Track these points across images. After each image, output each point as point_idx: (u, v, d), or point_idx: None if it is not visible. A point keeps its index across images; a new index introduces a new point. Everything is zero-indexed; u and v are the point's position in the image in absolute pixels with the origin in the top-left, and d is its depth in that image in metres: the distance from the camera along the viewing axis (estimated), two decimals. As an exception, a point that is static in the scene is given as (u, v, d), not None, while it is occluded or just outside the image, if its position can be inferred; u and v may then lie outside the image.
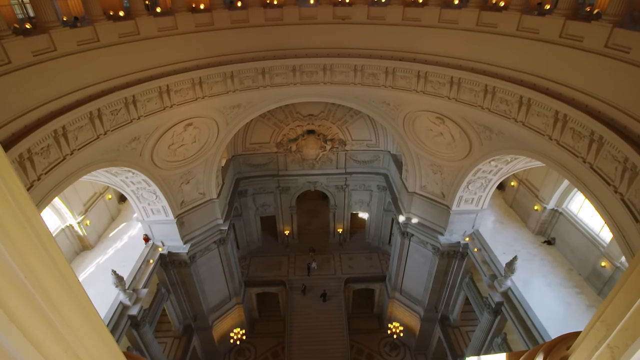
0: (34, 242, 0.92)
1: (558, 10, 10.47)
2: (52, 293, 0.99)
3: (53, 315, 1.00)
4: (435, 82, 14.20)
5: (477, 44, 12.68)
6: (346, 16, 14.66)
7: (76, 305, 1.18)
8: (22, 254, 0.86)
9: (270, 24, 14.68)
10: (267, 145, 23.88)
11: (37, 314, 0.94)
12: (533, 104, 11.44)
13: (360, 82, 15.73)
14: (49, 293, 0.97)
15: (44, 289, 0.95)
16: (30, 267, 0.89)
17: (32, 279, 0.89)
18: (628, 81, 8.73)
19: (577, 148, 10.23)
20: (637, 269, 1.27)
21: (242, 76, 15.21)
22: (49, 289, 0.98)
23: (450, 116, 14.71)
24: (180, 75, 13.68)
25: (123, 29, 12.18)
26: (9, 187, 0.86)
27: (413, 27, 13.94)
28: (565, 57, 10.37)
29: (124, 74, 12.29)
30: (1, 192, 0.83)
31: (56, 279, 1.02)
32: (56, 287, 1.02)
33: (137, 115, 13.05)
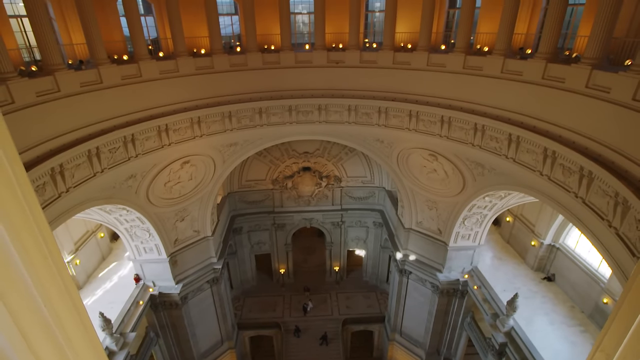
0: (53, 273, 0.94)
1: (539, 54, 11.17)
2: (66, 325, 0.99)
3: (66, 346, 0.99)
4: (426, 120, 14.71)
5: (464, 85, 13.32)
6: (340, 60, 15.46)
7: (85, 339, 1.17)
8: (43, 284, 0.87)
9: (268, 67, 15.40)
10: (263, 182, 24.02)
11: (53, 346, 0.93)
12: (522, 141, 11.82)
13: (354, 121, 16.23)
14: (64, 325, 0.97)
15: (59, 319, 0.94)
16: (49, 296, 0.90)
17: (51, 308, 0.89)
18: (611, 119, 9.14)
19: (568, 183, 10.44)
20: (628, 297, 1.29)
21: (240, 115, 15.65)
22: (64, 320, 0.98)
23: (443, 153, 15.07)
24: (180, 115, 14.05)
25: (126, 71, 12.69)
26: (37, 221, 0.89)
27: (403, 70, 14.69)
28: (549, 97, 10.91)
29: (125, 114, 12.61)
30: (30, 226, 0.86)
31: (70, 310, 1.02)
32: (69, 319, 1.02)
33: (135, 153, 13.21)
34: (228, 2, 17.86)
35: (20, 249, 0.81)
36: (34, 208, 0.93)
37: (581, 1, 13.25)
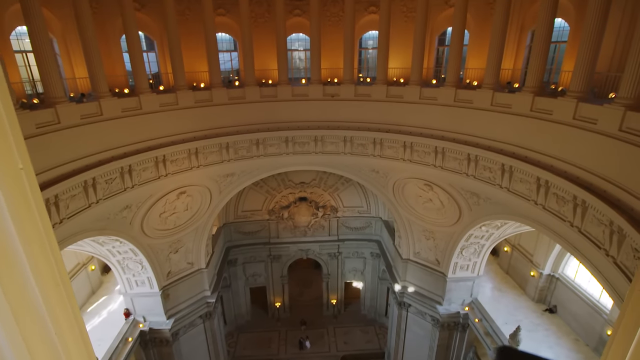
0: (64, 300, 0.94)
1: (526, 88, 11.65)
2: (73, 355, 0.97)
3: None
4: (420, 151, 14.99)
5: (456, 117, 13.73)
6: (335, 94, 15.98)
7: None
8: (54, 310, 0.88)
9: (266, 100, 15.85)
10: (259, 212, 23.90)
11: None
12: (515, 170, 12.02)
13: (350, 151, 16.49)
14: (71, 354, 0.96)
15: (67, 348, 0.93)
16: (59, 324, 0.90)
17: (60, 336, 0.89)
18: (600, 149, 9.39)
19: (563, 212, 10.51)
20: (623, 322, 1.30)
21: (237, 146, 15.87)
22: (72, 349, 0.96)
23: (438, 183, 15.23)
24: (178, 146, 14.22)
25: (126, 104, 12.99)
26: (52, 249, 0.91)
27: (397, 103, 15.17)
28: (538, 128, 11.24)
29: (123, 145, 12.74)
30: (46, 254, 0.88)
31: (77, 339, 1.01)
32: (76, 348, 1.00)
33: (131, 184, 13.21)
34: (228, 39, 18.65)
35: (37, 275, 0.82)
36: (50, 236, 0.95)
37: (563, 39, 13.99)
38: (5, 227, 0.80)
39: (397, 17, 16.10)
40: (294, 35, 18.86)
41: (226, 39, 18.59)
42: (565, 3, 12.07)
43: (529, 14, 13.55)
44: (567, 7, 12.40)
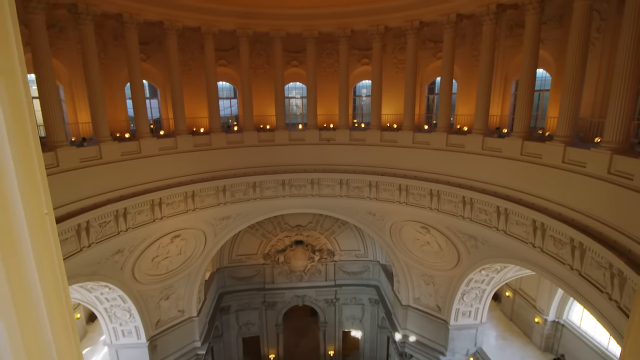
0: (71, 343, 0.93)
1: (515, 133, 12.11)
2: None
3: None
4: (416, 194, 15.14)
5: (449, 161, 14.07)
6: (331, 138, 16.45)
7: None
8: (62, 352, 0.86)
9: (263, 144, 16.24)
10: (254, 256, 23.37)
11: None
12: (510, 213, 12.10)
13: (346, 194, 16.61)
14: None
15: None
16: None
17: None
18: (591, 191, 9.57)
19: (562, 255, 10.43)
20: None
21: (234, 189, 15.95)
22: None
23: (435, 226, 15.19)
24: (175, 189, 14.26)
25: (126, 148, 13.22)
26: (64, 292, 0.92)
27: (391, 147, 15.60)
28: (530, 171, 11.51)
29: (120, 188, 12.76)
30: (60, 297, 0.89)
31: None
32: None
33: (125, 227, 13.03)
34: (228, 87, 19.51)
35: (50, 316, 0.82)
36: (64, 281, 0.97)
37: (546, 87, 14.80)
38: (29, 270, 0.82)
39: (389, 67, 17.08)
40: (292, 84, 19.79)
41: (226, 87, 19.44)
42: (545, 55, 12.96)
43: (512, 65, 14.46)
44: (547, 59, 13.29)
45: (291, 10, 15.42)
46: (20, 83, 0.83)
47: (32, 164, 0.85)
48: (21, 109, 0.81)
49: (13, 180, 0.77)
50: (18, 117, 0.80)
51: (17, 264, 0.79)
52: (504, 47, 14.38)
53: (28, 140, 0.83)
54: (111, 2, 12.36)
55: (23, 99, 0.82)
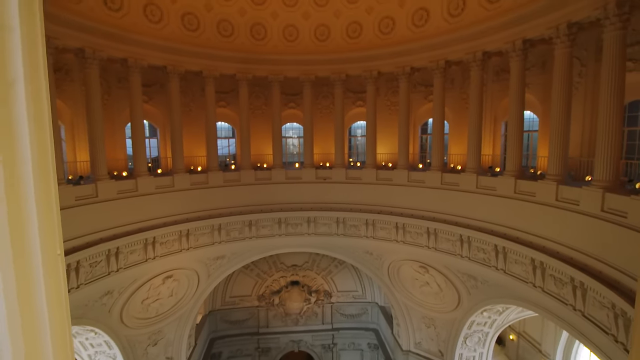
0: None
1: (507, 172, 12.35)
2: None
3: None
4: (413, 232, 15.06)
5: (445, 199, 14.17)
6: (327, 177, 16.64)
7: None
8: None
9: (260, 183, 16.35)
10: (249, 298, 22.56)
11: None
12: (508, 252, 12.00)
13: (343, 233, 16.48)
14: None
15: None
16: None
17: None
18: (587, 229, 9.59)
19: (563, 295, 10.22)
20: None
21: (229, 228, 15.78)
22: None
23: (434, 265, 14.95)
24: (170, 228, 14.09)
25: (123, 186, 13.22)
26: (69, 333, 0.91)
27: (387, 186, 15.76)
28: (525, 209, 11.60)
29: (114, 226, 12.59)
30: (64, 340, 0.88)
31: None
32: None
33: (116, 267, 12.68)
34: (227, 127, 19.98)
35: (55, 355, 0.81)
36: (69, 323, 0.96)
37: (534, 128, 15.33)
38: (41, 310, 0.82)
39: (382, 109, 17.72)
40: (289, 124, 20.34)
41: (225, 127, 19.91)
42: (531, 98, 13.58)
43: (500, 108, 15.09)
44: (533, 102, 13.91)
45: (289, 56, 16.27)
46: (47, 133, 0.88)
47: (50, 206, 0.88)
48: (46, 158, 0.86)
49: (34, 222, 0.79)
50: (43, 163, 0.84)
51: (30, 303, 0.79)
52: (491, 91, 15.08)
53: (49, 182, 0.86)
54: (117, 48, 12.99)
55: (49, 149, 0.87)
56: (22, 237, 0.81)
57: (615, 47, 9.11)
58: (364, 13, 15.56)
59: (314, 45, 16.38)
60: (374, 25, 15.62)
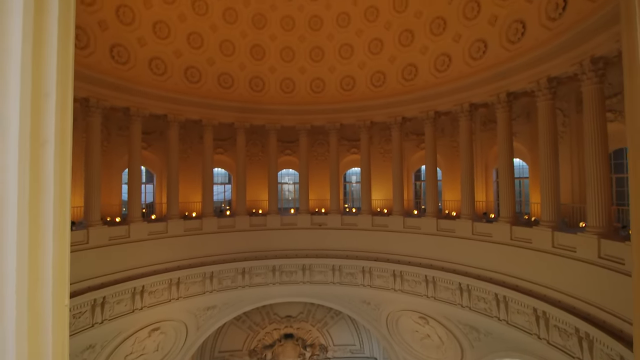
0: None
1: (502, 218, 12.42)
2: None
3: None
4: (411, 280, 14.69)
5: (442, 246, 14.05)
6: (322, 223, 16.55)
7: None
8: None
9: (255, 229, 16.17)
10: (239, 353, 21.18)
11: None
12: (510, 301, 11.67)
13: (339, 281, 16.02)
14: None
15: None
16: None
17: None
18: (586, 276, 9.46)
19: (570, 347, 9.78)
20: None
21: (222, 276, 15.29)
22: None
23: (433, 316, 14.39)
24: (160, 276, 13.62)
25: (115, 232, 12.98)
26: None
27: (383, 232, 15.66)
28: (522, 256, 11.49)
29: (102, 274, 12.15)
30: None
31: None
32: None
33: (101, 318, 12.02)
34: (223, 173, 20.18)
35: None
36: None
37: (525, 175, 15.71)
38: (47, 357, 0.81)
39: (376, 156, 18.17)
40: (284, 170, 20.64)
41: (221, 173, 20.11)
42: (519, 147, 14.08)
43: (490, 155, 15.57)
44: (521, 150, 14.40)
45: (286, 107, 16.98)
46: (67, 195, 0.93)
47: (64, 260, 0.89)
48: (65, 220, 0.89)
49: (49, 276, 0.80)
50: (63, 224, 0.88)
51: (38, 350, 0.77)
52: (481, 139, 15.66)
53: (65, 239, 0.89)
54: (121, 98, 13.50)
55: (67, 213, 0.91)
56: (37, 287, 0.81)
57: (594, 100, 9.69)
58: (356, 68, 16.57)
59: (309, 96, 17.20)
60: (366, 79, 16.57)
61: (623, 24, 1.69)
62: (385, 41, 15.71)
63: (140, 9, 13.55)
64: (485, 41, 13.01)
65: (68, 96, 0.94)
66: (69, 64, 0.93)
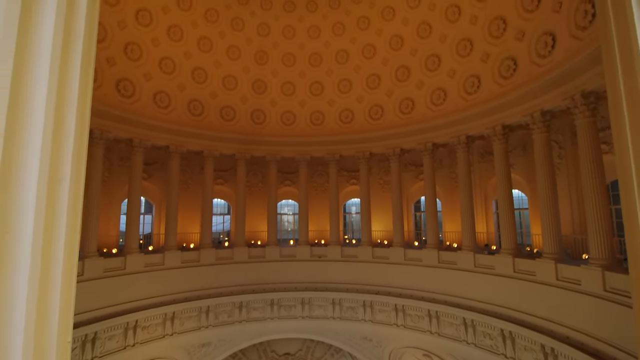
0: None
1: (504, 250, 12.28)
2: None
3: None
4: (413, 315, 14.26)
5: (444, 278, 13.77)
6: (322, 255, 16.31)
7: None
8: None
9: (253, 260, 15.92)
10: (234, 394, 20.08)
11: None
12: (516, 337, 11.27)
13: (339, 316, 15.54)
14: None
15: None
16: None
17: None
18: (594, 310, 9.20)
19: (582, 388, 9.33)
20: None
21: (218, 310, 14.84)
22: None
23: (438, 353, 13.82)
24: (155, 310, 13.22)
25: (110, 264, 12.76)
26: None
27: (383, 264, 15.40)
28: (526, 289, 11.24)
29: (96, 308, 11.80)
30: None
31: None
32: None
33: (91, 355, 11.52)
34: (222, 204, 20.15)
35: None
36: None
37: (524, 206, 15.72)
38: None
39: (376, 187, 18.25)
40: (284, 201, 20.63)
41: (221, 204, 20.08)
42: (517, 178, 14.20)
43: (489, 186, 15.65)
44: (519, 181, 14.51)
45: (286, 138, 17.30)
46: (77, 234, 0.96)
47: (69, 300, 0.90)
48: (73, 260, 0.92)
49: (55, 317, 0.81)
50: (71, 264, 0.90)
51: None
52: (479, 170, 15.82)
53: (72, 278, 0.90)
54: (124, 129, 13.77)
55: (77, 240, 0.94)
56: (44, 323, 0.82)
57: (588, 132, 9.90)
58: (355, 102, 17.07)
59: (309, 128, 17.56)
60: (365, 112, 17.01)
61: (605, 66, 1.80)
62: (382, 76, 16.30)
63: (148, 46, 14.17)
64: (479, 77, 13.51)
65: (84, 137, 0.99)
66: (87, 108, 1.00)
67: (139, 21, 13.61)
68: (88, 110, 1.02)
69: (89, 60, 1.04)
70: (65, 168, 0.92)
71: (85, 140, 1.01)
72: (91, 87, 1.08)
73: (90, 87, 1.07)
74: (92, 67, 1.09)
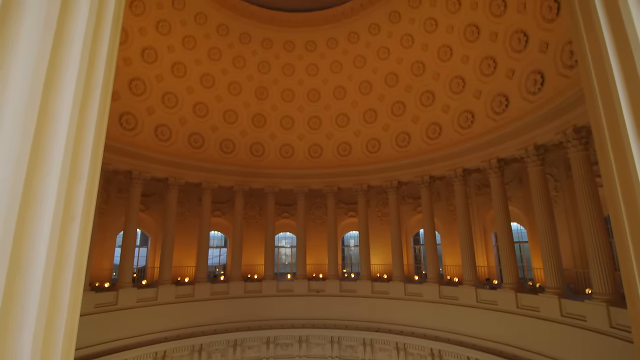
0: None
1: (505, 284, 12.04)
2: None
3: None
4: (415, 354, 13.69)
5: (446, 314, 13.37)
6: (320, 289, 15.91)
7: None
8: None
9: (249, 295, 15.47)
10: None
11: None
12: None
13: (338, 355, 14.88)
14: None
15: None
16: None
17: None
18: (599, 349, 8.89)
19: None
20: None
21: (211, 349, 14.20)
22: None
23: (441, 395, 13.12)
24: (144, 349, 12.62)
25: (101, 299, 12.35)
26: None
27: (383, 299, 15.00)
28: (532, 326, 10.90)
29: (82, 347, 11.26)
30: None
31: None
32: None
33: (74, 400, 10.83)
34: (219, 236, 19.91)
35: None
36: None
37: (524, 239, 15.61)
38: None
39: (374, 220, 18.17)
40: (282, 233, 20.42)
41: (217, 236, 19.83)
42: (515, 211, 14.22)
43: (487, 219, 15.63)
44: (517, 214, 14.52)
45: (285, 171, 17.45)
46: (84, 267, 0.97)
47: (73, 333, 0.90)
48: (80, 283, 0.92)
49: (58, 355, 0.81)
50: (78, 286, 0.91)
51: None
52: (476, 203, 15.86)
53: (76, 308, 0.90)
54: (124, 161, 13.88)
55: (83, 277, 0.94)
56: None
57: (582, 166, 10.07)
58: (352, 135, 17.43)
59: (307, 161, 17.78)
60: (362, 145, 17.32)
61: (588, 105, 1.89)
62: (379, 111, 16.77)
63: (152, 82, 14.64)
64: (472, 112, 13.93)
65: (96, 178, 1.04)
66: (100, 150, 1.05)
67: (144, 58, 14.17)
68: (101, 152, 1.06)
69: (105, 107, 1.11)
70: (77, 207, 0.96)
71: (97, 180, 1.05)
72: (105, 131, 1.14)
73: (104, 131, 1.12)
74: (107, 113, 1.15)
